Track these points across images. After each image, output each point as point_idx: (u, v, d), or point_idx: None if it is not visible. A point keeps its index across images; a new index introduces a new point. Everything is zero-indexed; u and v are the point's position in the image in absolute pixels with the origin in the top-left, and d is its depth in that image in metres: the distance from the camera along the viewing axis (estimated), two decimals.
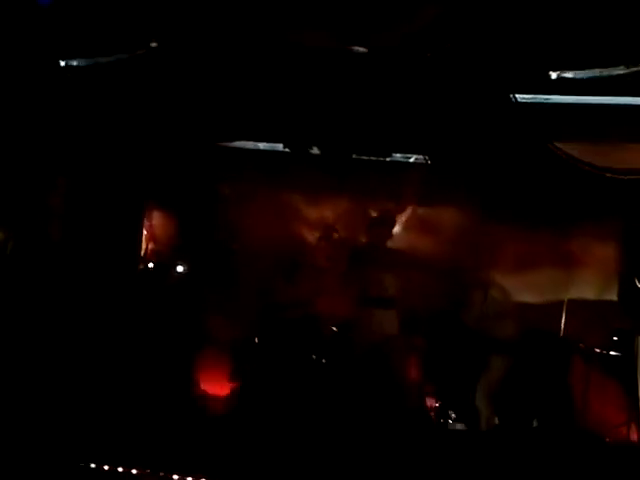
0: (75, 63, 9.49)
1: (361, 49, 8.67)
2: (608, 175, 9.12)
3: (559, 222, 9.78)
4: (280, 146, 10.67)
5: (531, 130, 9.23)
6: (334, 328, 9.79)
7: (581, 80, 8.49)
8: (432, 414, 9.29)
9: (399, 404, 9.14)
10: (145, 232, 11.00)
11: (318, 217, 10.94)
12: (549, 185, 9.55)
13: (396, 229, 10.17)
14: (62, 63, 9.48)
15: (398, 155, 10.51)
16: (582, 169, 9.16)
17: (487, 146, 9.60)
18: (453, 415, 9.25)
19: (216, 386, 9.88)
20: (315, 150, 10.49)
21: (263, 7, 8.37)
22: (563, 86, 8.80)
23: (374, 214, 10.26)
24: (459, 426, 9.23)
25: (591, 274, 9.83)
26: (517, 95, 9.09)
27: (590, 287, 9.74)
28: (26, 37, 9.08)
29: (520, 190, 9.69)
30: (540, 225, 9.81)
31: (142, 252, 10.89)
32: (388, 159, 10.49)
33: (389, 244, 9.95)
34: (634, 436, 8.87)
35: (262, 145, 10.87)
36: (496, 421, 9.15)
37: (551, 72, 8.48)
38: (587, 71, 8.30)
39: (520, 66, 8.67)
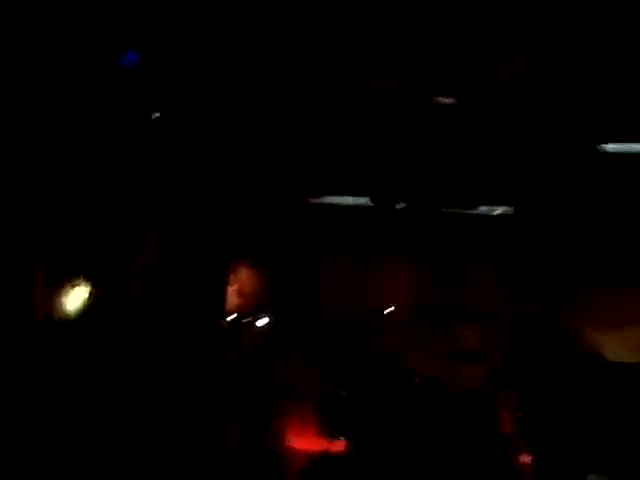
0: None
1: (448, 100, 8.67)
2: None
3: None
4: (366, 200, 10.70)
5: (620, 181, 9.14)
6: (420, 381, 9.72)
7: None
8: (526, 470, 9.12)
9: (491, 459, 9.00)
10: (231, 287, 11.06)
11: (403, 272, 10.94)
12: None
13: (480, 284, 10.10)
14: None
15: (484, 208, 10.47)
16: None
17: (574, 198, 9.53)
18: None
19: (305, 441, 9.83)
20: (401, 204, 10.50)
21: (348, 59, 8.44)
22: None
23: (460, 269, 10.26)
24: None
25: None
26: (606, 145, 9.01)
27: None
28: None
29: (609, 244, 9.58)
30: (630, 278, 9.68)
31: (228, 307, 10.93)
32: (473, 212, 10.45)
33: (473, 299, 9.89)
34: None
35: (348, 200, 10.89)
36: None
37: None
38: None
39: (607, 114, 8.60)
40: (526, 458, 9.06)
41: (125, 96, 9.32)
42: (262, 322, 10.42)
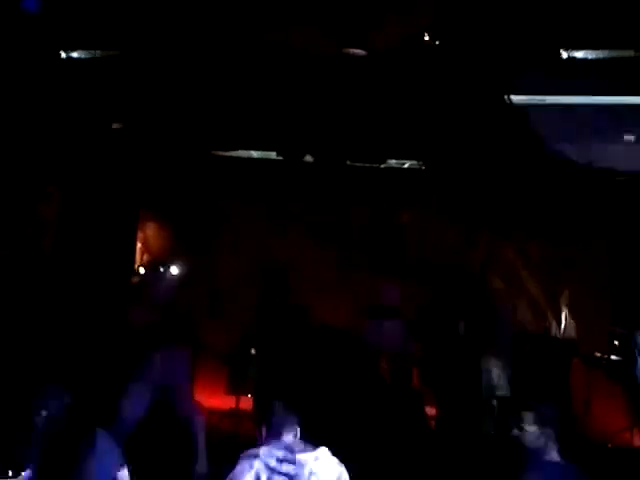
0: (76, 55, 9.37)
1: (359, 52, 8.55)
2: (605, 176, 9.09)
3: (555, 226, 9.73)
4: (273, 154, 10.59)
5: (527, 132, 9.16)
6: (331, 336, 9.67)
7: (577, 80, 8.42)
8: (432, 422, 9.17)
9: (399, 413, 9.03)
10: (139, 244, 10.89)
11: (313, 225, 10.89)
12: (545, 189, 9.49)
13: (398, 238, 10.08)
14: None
15: (393, 161, 10.43)
16: (579, 171, 9.12)
17: (482, 149, 9.53)
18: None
19: (212, 398, 9.74)
20: (309, 158, 10.40)
21: (256, 9, 8.26)
22: (559, 87, 8.73)
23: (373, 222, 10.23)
24: (458, 432, 9.09)
25: (590, 276, 9.75)
26: (512, 96, 9.01)
27: (589, 290, 9.65)
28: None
29: (516, 194, 9.64)
30: (535, 230, 9.77)
31: (136, 263, 10.76)
32: (383, 165, 10.41)
33: (390, 252, 9.87)
34: (637, 441, 8.77)
35: (255, 154, 10.78)
36: (494, 426, 9.02)
37: (562, 50, 8.33)
38: (596, 51, 8.19)
39: (515, 65, 8.58)
40: (432, 410, 9.12)
41: (27, 42, 9.06)
42: (171, 276, 10.23)
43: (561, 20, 7.98)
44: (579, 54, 8.33)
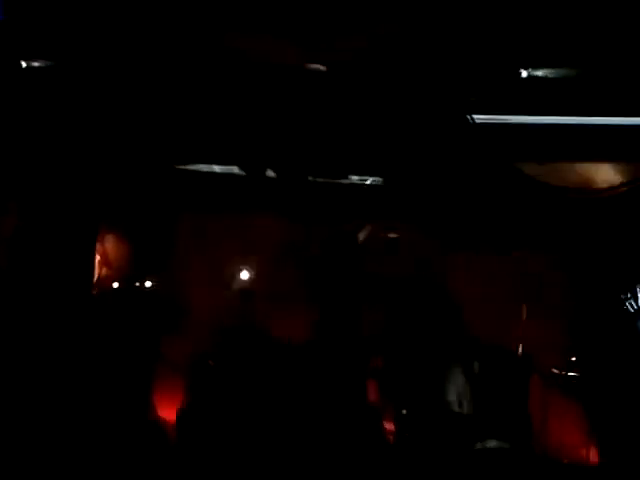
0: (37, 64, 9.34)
1: (320, 67, 8.62)
2: (567, 195, 9.20)
3: (516, 243, 9.82)
4: (236, 169, 10.59)
5: (489, 151, 9.26)
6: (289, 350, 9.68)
7: (541, 98, 8.54)
8: (389, 436, 9.17)
9: (356, 426, 9.03)
10: (98, 257, 10.83)
11: (272, 240, 10.89)
12: (507, 206, 9.58)
13: (352, 252, 10.11)
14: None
15: (355, 177, 10.47)
16: (540, 189, 9.22)
17: (444, 167, 9.62)
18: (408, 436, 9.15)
19: (172, 412, 9.70)
20: (271, 173, 10.42)
21: (219, 21, 8.30)
22: (522, 106, 8.85)
23: (331, 236, 10.23)
24: (416, 446, 9.11)
25: (548, 292, 9.84)
26: (475, 116, 9.11)
27: (548, 307, 9.74)
28: None
29: (477, 212, 9.72)
30: (496, 246, 9.85)
31: (95, 276, 10.69)
32: (344, 181, 10.44)
33: (346, 268, 9.89)
34: (593, 457, 8.84)
35: (217, 168, 10.77)
36: (452, 442, 9.05)
37: (522, 70, 8.46)
38: (557, 70, 8.32)
39: (479, 85, 8.69)
40: (390, 426, 9.12)
41: None
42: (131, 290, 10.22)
43: (521, 39, 8.10)
44: (539, 73, 8.46)
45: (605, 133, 8.80)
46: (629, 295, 8.91)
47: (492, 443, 8.40)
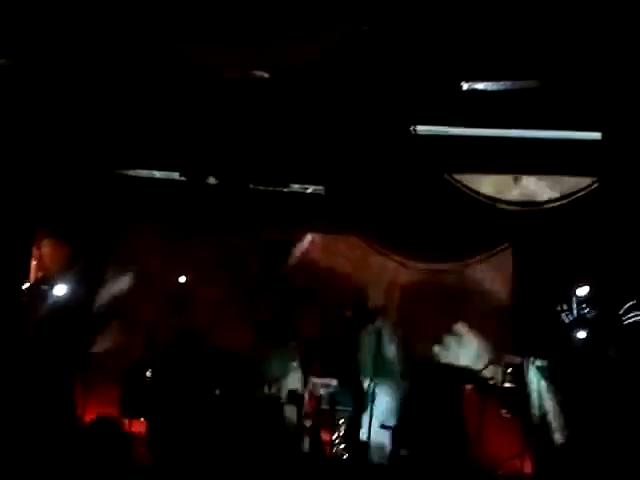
0: None
1: (263, 74, 8.58)
2: (501, 206, 9.27)
3: (453, 253, 9.87)
4: (176, 175, 10.51)
5: (428, 161, 9.30)
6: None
7: (481, 110, 8.60)
8: (326, 448, 9.16)
9: (293, 438, 9.02)
10: (34, 261, 10.69)
11: (213, 247, 10.85)
12: (444, 216, 9.63)
13: (294, 260, 10.10)
14: None
15: (296, 186, 10.45)
16: (476, 200, 9.29)
17: (384, 177, 9.64)
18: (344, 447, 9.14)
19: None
20: (212, 180, 10.35)
21: (164, 24, 8.22)
22: (462, 118, 8.90)
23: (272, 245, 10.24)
24: (352, 459, 9.10)
25: (484, 305, 9.89)
26: (417, 127, 9.15)
27: (483, 318, 9.79)
28: None
29: (415, 221, 9.76)
30: (434, 255, 9.90)
31: (30, 280, 10.53)
32: (285, 189, 10.42)
33: (287, 275, 9.87)
34: (527, 469, 8.89)
35: (158, 174, 10.68)
36: (389, 453, 9.06)
37: (463, 83, 8.51)
38: (497, 83, 8.38)
39: (421, 95, 8.72)
40: (327, 436, 9.12)
41: None
42: (61, 292, 10.04)
43: (461, 52, 8.15)
44: (480, 86, 8.52)
45: (544, 146, 8.89)
46: (565, 306, 8.98)
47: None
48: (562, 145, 8.83)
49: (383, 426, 9.05)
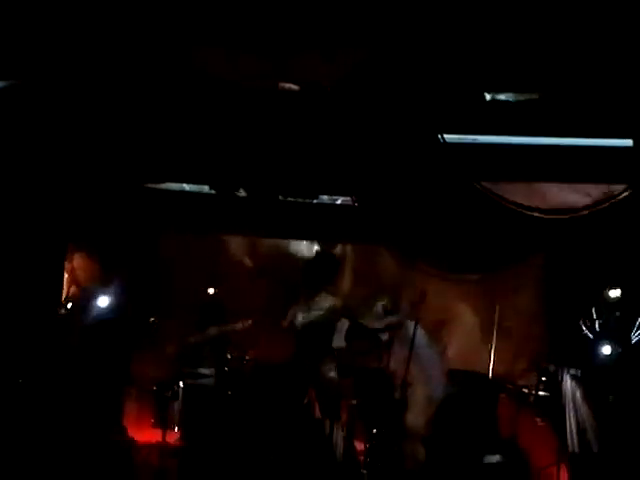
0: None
1: (293, 87, 8.63)
2: (534, 214, 9.26)
3: (485, 262, 9.85)
4: (206, 188, 10.57)
5: (458, 170, 9.31)
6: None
7: (508, 119, 8.62)
8: (361, 457, 9.16)
9: (328, 447, 9.03)
10: (66, 275, 10.76)
11: (245, 259, 10.91)
12: (476, 225, 9.62)
13: (327, 272, 10.10)
14: None
15: (325, 197, 10.49)
16: (508, 208, 9.28)
17: (415, 187, 9.65)
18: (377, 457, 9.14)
19: (143, 433, 9.63)
20: (242, 192, 10.40)
21: (194, 37, 8.29)
22: (491, 126, 8.92)
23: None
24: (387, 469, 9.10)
25: (518, 313, 9.87)
26: (445, 135, 9.16)
27: (517, 327, 9.77)
28: None
29: (447, 230, 9.76)
30: (466, 265, 9.89)
31: (64, 295, 10.60)
32: (315, 201, 10.46)
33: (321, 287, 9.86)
34: (562, 477, 8.86)
35: (188, 187, 10.74)
36: (425, 462, 9.07)
37: (486, 93, 8.54)
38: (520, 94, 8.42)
39: (449, 105, 8.74)
40: (360, 445, 9.12)
41: None
42: (101, 308, 10.11)
43: (484, 64, 8.21)
44: (502, 96, 8.58)
45: (575, 154, 8.89)
46: (587, 322, 8.96)
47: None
48: (593, 152, 8.83)
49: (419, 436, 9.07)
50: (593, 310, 8.93)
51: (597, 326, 8.90)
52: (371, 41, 8.36)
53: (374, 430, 9.13)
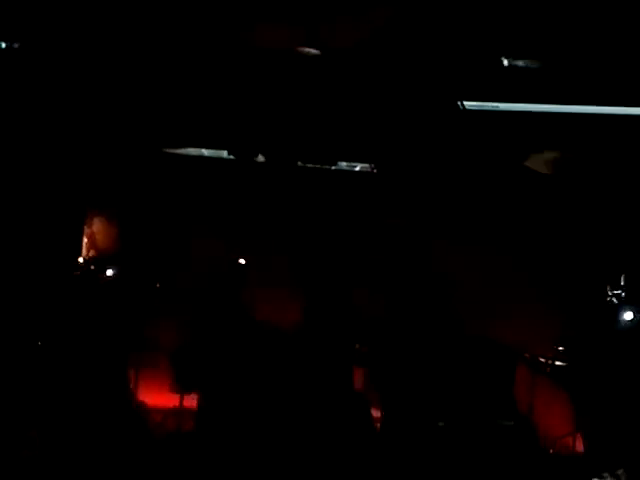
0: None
1: (312, 51, 8.57)
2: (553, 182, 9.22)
3: (503, 229, 9.81)
4: (224, 153, 10.54)
5: (479, 137, 9.25)
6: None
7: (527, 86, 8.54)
8: (377, 424, 9.16)
9: (343, 413, 9.01)
10: (85, 239, 10.79)
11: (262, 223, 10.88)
12: (493, 191, 9.57)
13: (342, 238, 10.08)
14: None
15: (344, 164, 10.44)
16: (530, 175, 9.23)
17: (435, 154, 9.60)
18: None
19: (156, 397, 9.66)
20: (260, 157, 10.38)
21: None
22: (512, 93, 8.84)
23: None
24: (402, 435, 9.09)
25: (536, 281, 9.82)
26: (465, 102, 9.09)
27: (535, 295, 9.73)
28: None
29: (466, 197, 9.71)
30: (483, 231, 9.84)
31: (81, 258, 10.64)
32: (334, 167, 10.41)
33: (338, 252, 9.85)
34: (579, 447, 8.85)
35: (206, 152, 10.72)
36: (440, 430, 9.04)
37: (503, 59, 8.46)
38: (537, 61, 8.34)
39: (469, 71, 8.67)
40: (377, 413, 9.10)
41: None
42: (117, 272, 10.14)
43: (502, 28, 8.13)
44: (520, 63, 8.49)
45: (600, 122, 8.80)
46: (613, 287, 8.89)
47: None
48: (616, 120, 8.74)
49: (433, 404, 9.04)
50: (622, 277, 8.88)
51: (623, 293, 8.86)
52: (391, 7, 8.29)
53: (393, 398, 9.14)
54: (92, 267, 10.36)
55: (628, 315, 8.75)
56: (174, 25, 8.58)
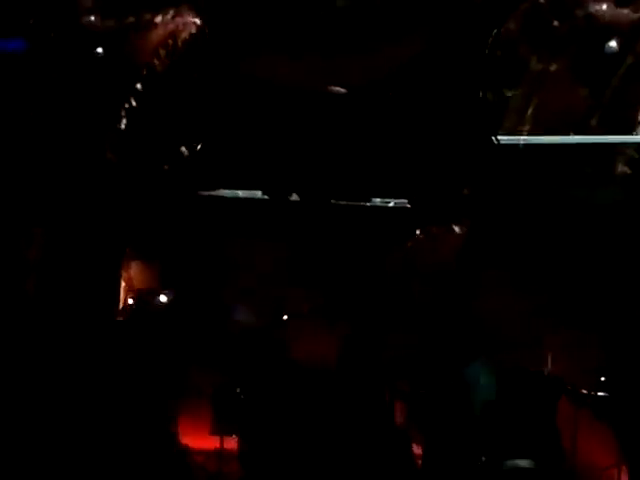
0: None
1: (340, 90, 8.62)
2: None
3: (541, 260, 9.73)
4: (259, 193, 10.60)
5: (513, 172, 9.22)
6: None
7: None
8: (418, 461, 9.11)
9: (385, 451, 8.98)
10: (123, 283, 10.85)
11: (301, 264, 10.88)
12: (532, 225, 9.52)
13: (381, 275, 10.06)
14: None
15: (377, 200, 10.45)
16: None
17: (470, 188, 9.58)
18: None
19: (199, 439, 9.68)
20: (294, 196, 10.42)
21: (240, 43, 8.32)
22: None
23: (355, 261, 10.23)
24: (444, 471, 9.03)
25: (577, 310, 9.72)
26: (500, 137, 9.08)
27: (575, 324, 9.63)
28: None
29: (502, 230, 9.66)
30: (522, 261, 9.78)
31: (120, 303, 10.70)
32: (368, 204, 10.42)
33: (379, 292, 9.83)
34: (624, 479, 8.73)
35: (241, 193, 10.78)
36: (483, 465, 8.96)
37: None
38: None
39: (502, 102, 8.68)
40: (417, 450, 9.06)
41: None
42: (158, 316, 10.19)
43: None
44: None
45: None
46: None
47: (523, 462, 8.35)
48: None
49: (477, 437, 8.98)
50: None
51: None
52: (418, 40, 8.32)
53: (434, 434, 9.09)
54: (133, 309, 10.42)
55: None
56: (205, 66, 8.67)
